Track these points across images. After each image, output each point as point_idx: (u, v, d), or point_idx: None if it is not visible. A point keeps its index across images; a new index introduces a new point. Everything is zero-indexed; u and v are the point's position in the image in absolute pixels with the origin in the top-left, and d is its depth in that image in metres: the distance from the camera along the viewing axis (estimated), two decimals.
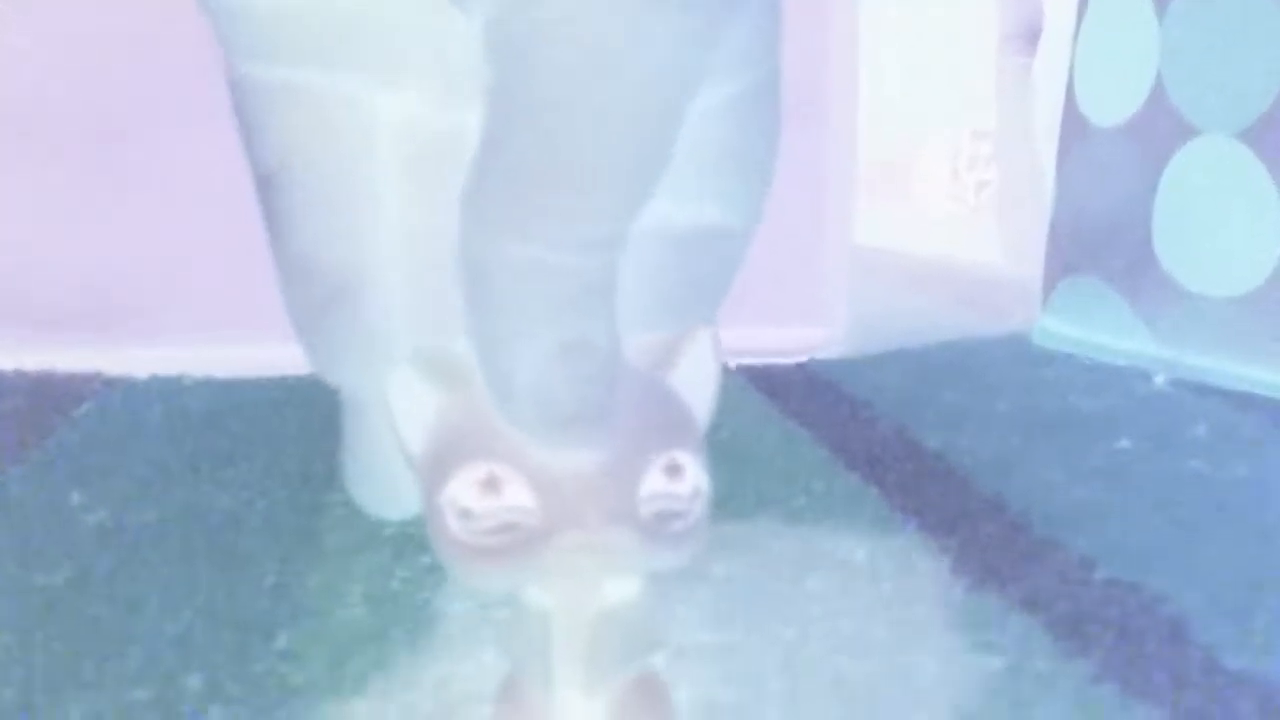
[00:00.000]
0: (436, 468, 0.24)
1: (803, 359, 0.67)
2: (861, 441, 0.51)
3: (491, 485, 0.23)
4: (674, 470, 0.23)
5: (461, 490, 0.23)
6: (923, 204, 1.24)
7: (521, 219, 0.19)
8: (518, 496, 0.23)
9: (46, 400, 0.57)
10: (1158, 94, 0.63)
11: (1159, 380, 0.62)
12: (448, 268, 0.21)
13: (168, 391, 0.59)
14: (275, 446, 0.50)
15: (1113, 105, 0.67)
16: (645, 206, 0.19)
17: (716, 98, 0.24)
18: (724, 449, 0.26)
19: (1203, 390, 0.60)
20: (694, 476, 0.24)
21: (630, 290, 0.25)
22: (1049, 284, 0.73)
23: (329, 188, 0.24)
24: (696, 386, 0.26)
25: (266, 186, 0.24)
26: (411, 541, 0.38)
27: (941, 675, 0.29)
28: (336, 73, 0.23)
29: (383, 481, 0.26)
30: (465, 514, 0.23)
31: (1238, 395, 0.58)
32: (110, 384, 0.60)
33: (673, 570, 0.26)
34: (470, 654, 0.31)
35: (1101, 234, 0.68)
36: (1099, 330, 0.68)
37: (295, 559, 0.37)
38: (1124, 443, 0.50)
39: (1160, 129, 0.63)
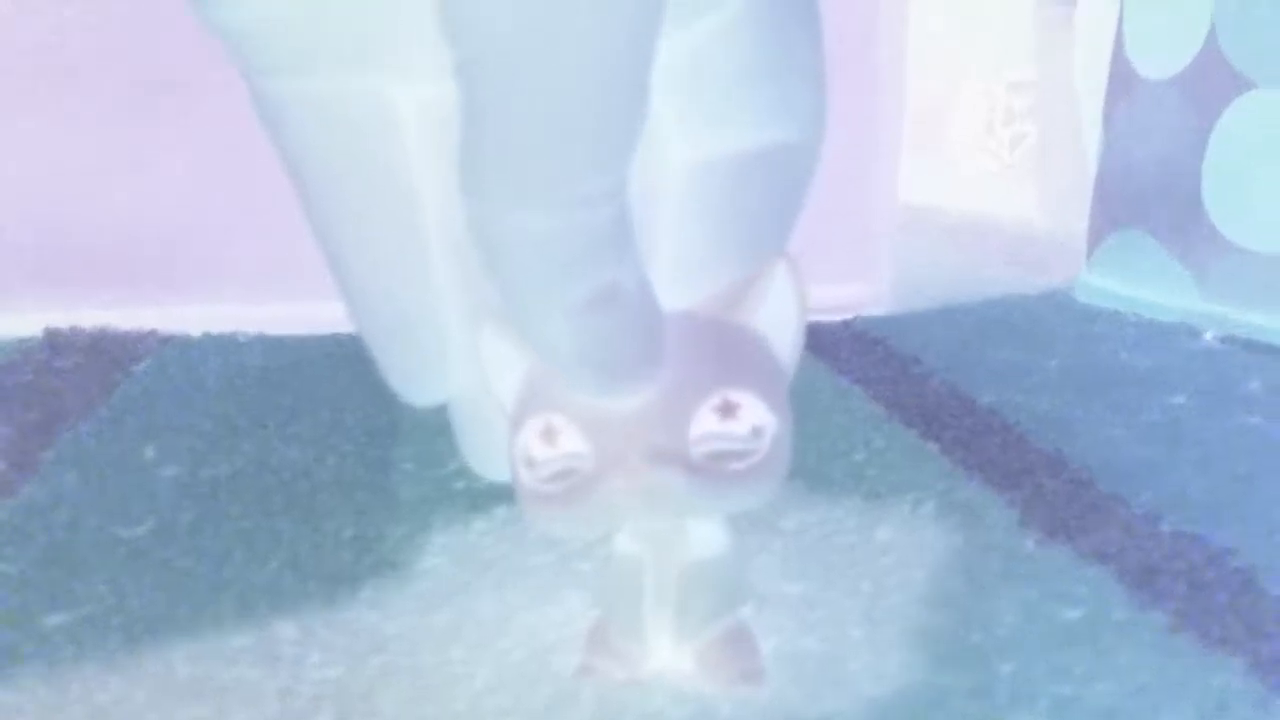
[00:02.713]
0: (514, 421, 0.25)
1: (849, 316, 0.67)
2: (915, 398, 0.51)
3: (549, 434, 0.24)
4: (727, 409, 0.23)
5: (526, 440, 0.24)
6: (955, 159, 1.23)
7: (514, 187, 0.19)
8: (572, 443, 0.24)
9: (105, 357, 0.58)
10: (1210, 46, 0.63)
11: (1208, 336, 0.62)
12: None
13: (223, 348, 0.60)
14: (335, 403, 0.50)
15: (1163, 58, 0.67)
16: (634, 150, 0.19)
17: (715, 20, 0.23)
18: None
19: (1252, 346, 0.60)
20: (752, 415, 0.24)
21: (695, 229, 0.25)
22: (1094, 239, 0.73)
23: (367, 198, 0.24)
24: (779, 325, 0.25)
25: (308, 204, 0.24)
26: (486, 495, 0.39)
27: (1021, 625, 0.30)
28: (349, 75, 0.23)
29: (495, 447, 0.26)
30: (530, 462, 0.24)
31: None
32: (166, 341, 0.61)
33: (748, 514, 0.27)
34: (556, 602, 0.31)
35: (1150, 188, 0.67)
36: (1145, 285, 0.68)
37: (371, 512, 0.38)
38: (1179, 399, 0.51)
39: (1212, 82, 0.63)
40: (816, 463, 0.43)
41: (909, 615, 0.31)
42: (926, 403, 0.50)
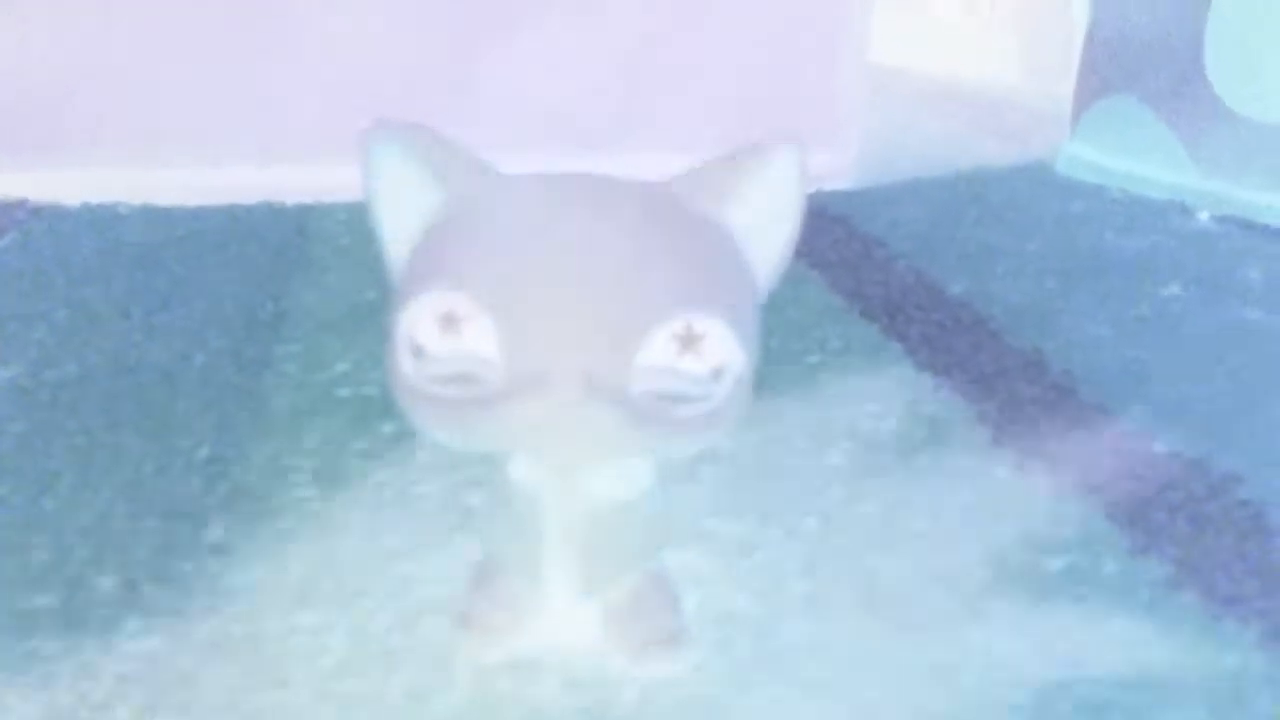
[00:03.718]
0: (402, 290, 0.19)
1: (810, 190, 0.60)
2: (878, 286, 0.45)
3: (450, 322, 0.18)
4: (689, 340, 0.18)
5: (417, 322, 0.18)
6: (931, 13, 1.15)
7: None
8: (478, 341, 0.18)
9: None
10: None
11: (1203, 216, 0.56)
12: None
13: (101, 221, 0.53)
14: (219, 287, 0.44)
15: None
16: None
17: None
18: None
19: (1251, 227, 0.54)
20: (717, 350, 0.18)
21: None
22: (1079, 105, 0.66)
23: None
24: (767, 227, 0.20)
25: None
26: (374, 406, 0.33)
27: (994, 580, 0.25)
28: None
29: None
30: (418, 352, 0.18)
31: None
32: (36, 213, 0.54)
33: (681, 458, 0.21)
34: (438, 546, 0.26)
35: (1145, 49, 0.61)
36: (1135, 158, 0.61)
37: (235, 426, 0.32)
38: (1171, 289, 0.45)
39: None
40: (763, 366, 0.37)
41: (860, 566, 0.26)
42: (891, 292, 0.45)
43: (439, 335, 0.18)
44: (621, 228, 0.18)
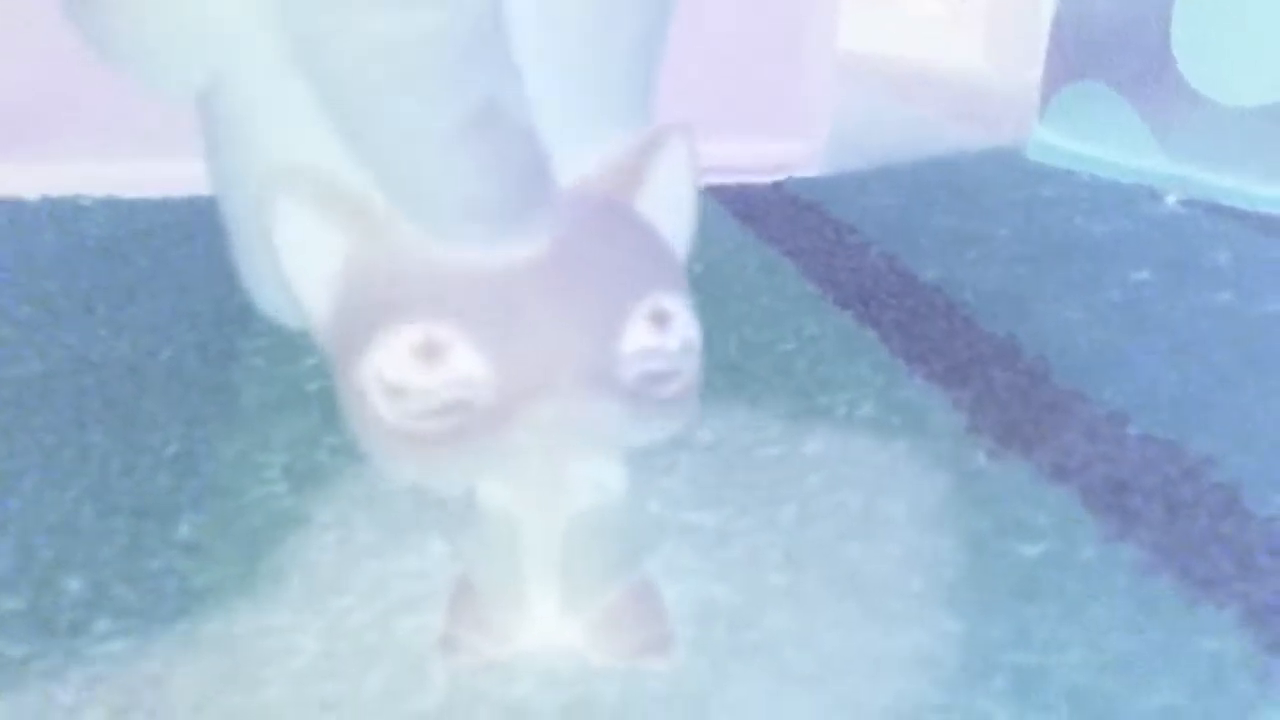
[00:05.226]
0: (353, 333, 0.18)
1: (780, 177, 0.60)
2: (851, 273, 0.45)
3: (430, 352, 0.17)
4: (660, 319, 0.18)
5: (391, 361, 0.18)
6: (899, 1, 1.15)
7: None
8: (465, 365, 0.17)
9: None
10: None
11: (1171, 200, 0.56)
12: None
13: (63, 214, 0.52)
14: (182, 282, 0.43)
15: None
16: None
17: None
18: (697, 284, 0.20)
19: (1219, 212, 0.55)
20: (683, 325, 0.19)
21: (557, 60, 0.19)
22: (1048, 90, 0.66)
23: None
24: (670, 207, 0.20)
25: None
26: None
27: (972, 567, 0.25)
28: None
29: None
30: (397, 392, 0.18)
31: (1257, 218, 0.53)
32: None
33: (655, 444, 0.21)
34: (412, 546, 0.26)
35: (1112, 35, 0.61)
36: (1103, 142, 0.62)
37: (204, 422, 0.32)
38: (1141, 273, 0.45)
39: None
40: (737, 354, 0.37)
41: (838, 554, 0.25)
42: (864, 279, 0.45)
43: (420, 368, 0.17)
44: (565, 227, 0.18)
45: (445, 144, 0.16)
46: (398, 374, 0.17)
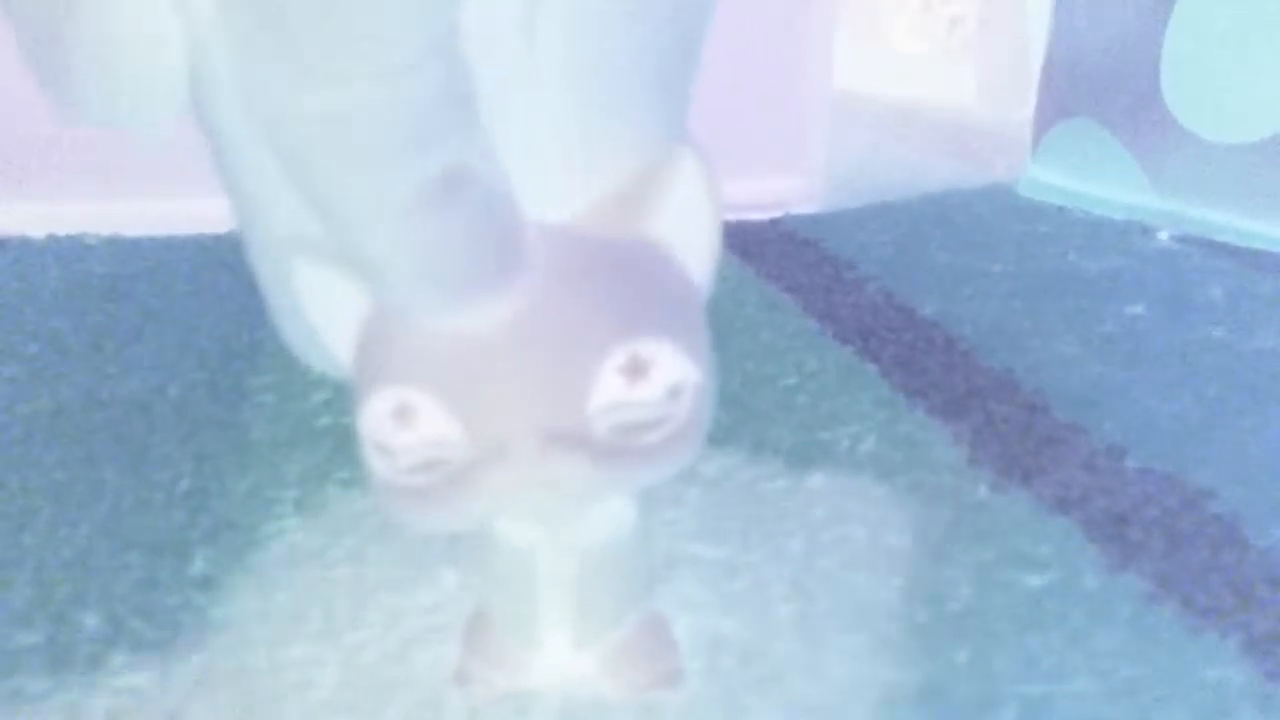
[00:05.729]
0: (357, 389, 0.19)
1: (778, 214, 0.61)
2: (850, 309, 0.46)
3: (405, 415, 0.18)
4: (636, 369, 0.18)
5: (374, 424, 0.18)
6: (890, 41, 1.16)
7: (309, 63, 0.14)
8: (436, 426, 0.17)
9: None
10: None
11: (1163, 236, 0.57)
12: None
13: (68, 253, 0.52)
14: (189, 319, 0.43)
15: None
16: (441, 11, 0.15)
17: None
18: None
19: (1211, 247, 0.55)
20: (667, 370, 0.18)
21: (572, 83, 0.20)
22: (1040, 128, 0.67)
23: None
24: (689, 234, 0.19)
25: None
26: (352, 434, 0.33)
27: (977, 598, 0.25)
28: None
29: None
30: (384, 450, 0.18)
31: (1249, 253, 0.54)
32: (1, 246, 0.53)
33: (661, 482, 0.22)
34: (426, 580, 0.26)
35: (1103, 73, 0.62)
36: (1095, 180, 0.63)
37: (215, 458, 0.32)
38: (1135, 308, 0.46)
39: None
40: (740, 390, 0.37)
41: (845, 586, 0.26)
42: (863, 314, 0.45)
43: (399, 430, 0.18)
44: (540, 276, 0.18)
45: (401, 218, 0.16)
46: (381, 435, 0.18)
